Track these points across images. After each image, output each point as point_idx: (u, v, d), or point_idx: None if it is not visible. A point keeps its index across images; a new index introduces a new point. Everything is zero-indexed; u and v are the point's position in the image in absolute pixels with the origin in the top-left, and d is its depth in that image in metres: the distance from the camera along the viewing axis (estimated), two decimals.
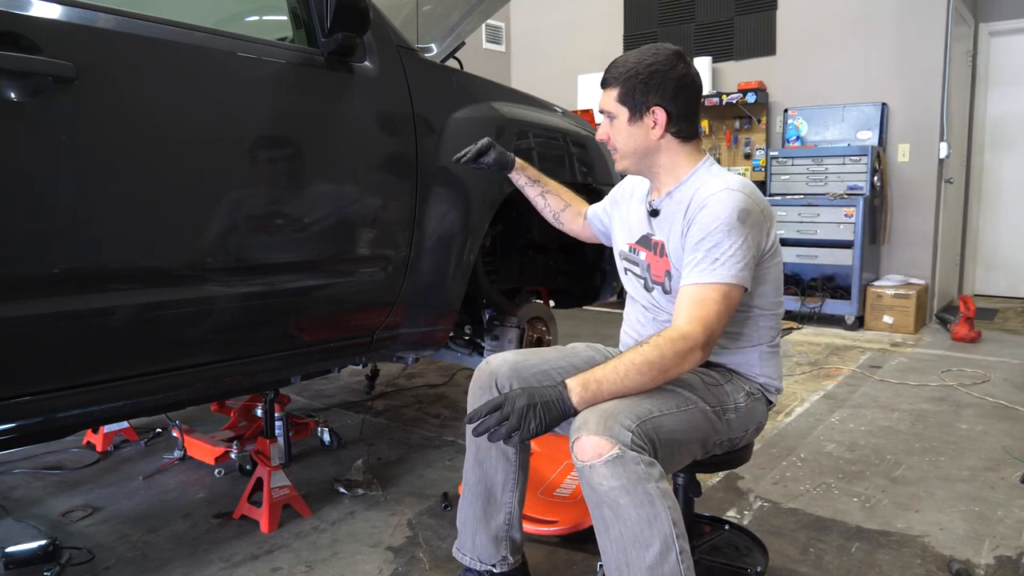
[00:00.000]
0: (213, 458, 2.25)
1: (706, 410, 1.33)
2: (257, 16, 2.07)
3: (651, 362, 1.22)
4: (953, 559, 1.77)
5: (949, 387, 3.33)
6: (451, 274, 2.04)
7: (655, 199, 1.47)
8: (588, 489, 1.17)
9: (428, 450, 2.56)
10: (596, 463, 1.14)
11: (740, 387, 1.43)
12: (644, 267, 1.48)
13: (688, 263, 1.32)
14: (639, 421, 1.19)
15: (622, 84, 1.38)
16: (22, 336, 1.27)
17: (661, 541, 1.14)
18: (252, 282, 1.61)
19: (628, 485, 1.13)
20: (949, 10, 4.49)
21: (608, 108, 1.41)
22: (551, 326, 2.68)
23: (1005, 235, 5.64)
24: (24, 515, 2.05)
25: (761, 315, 1.43)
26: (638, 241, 1.51)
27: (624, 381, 1.23)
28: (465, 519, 1.52)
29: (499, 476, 1.48)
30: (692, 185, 1.40)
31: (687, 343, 1.23)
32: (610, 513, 1.16)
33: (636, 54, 1.39)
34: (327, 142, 1.71)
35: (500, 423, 1.21)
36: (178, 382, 1.57)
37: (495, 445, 1.44)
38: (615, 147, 1.44)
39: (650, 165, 1.44)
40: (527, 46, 6.59)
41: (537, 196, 1.83)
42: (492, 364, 1.47)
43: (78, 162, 1.29)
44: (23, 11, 1.21)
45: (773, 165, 4.95)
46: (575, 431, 1.19)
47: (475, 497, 1.50)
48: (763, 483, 2.24)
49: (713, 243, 1.28)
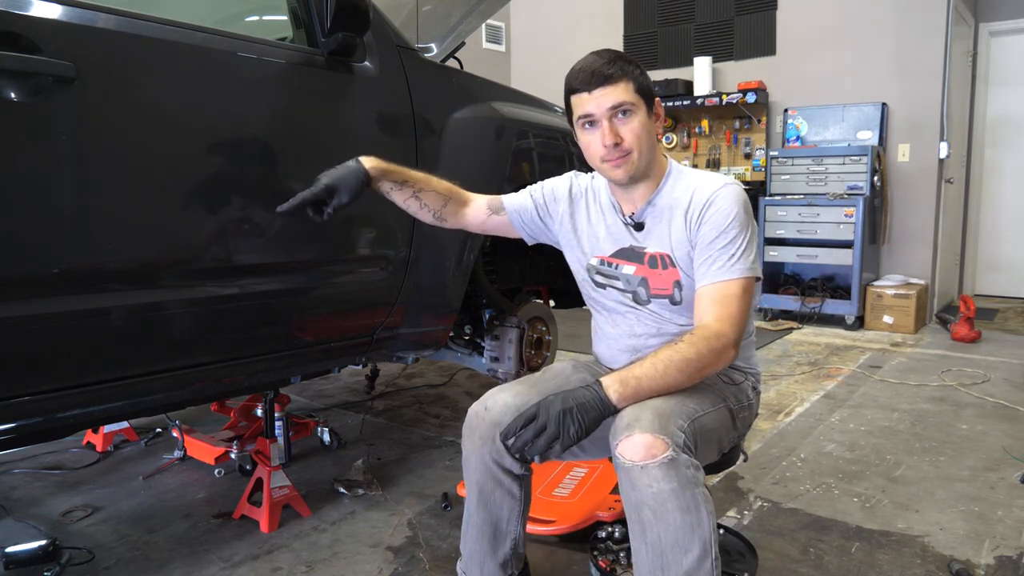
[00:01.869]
0: (213, 458, 2.25)
1: (732, 409, 1.35)
2: (257, 16, 2.07)
3: (689, 360, 1.21)
4: (953, 559, 1.77)
5: (949, 387, 3.33)
6: (451, 274, 2.04)
7: (634, 212, 1.40)
8: (631, 489, 1.13)
9: (428, 450, 2.56)
10: (650, 464, 1.10)
11: (748, 384, 1.45)
12: (632, 281, 1.41)
13: (703, 262, 1.29)
14: (689, 421, 1.18)
15: (632, 77, 1.27)
16: (22, 336, 1.27)
17: (701, 547, 1.12)
18: (252, 282, 1.61)
19: (678, 489, 1.10)
20: (949, 10, 4.49)
21: (626, 100, 1.27)
22: (551, 326, 2.68)
23: (1005, 235, 5.64)
24: (24, 515, 2.05)
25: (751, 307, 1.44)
26: (615, 254, 1.43)
27: (664, 378, 1.20)
28: (471, 552, 1.45)
29: (504, 511, 1.41)
30: (675, 188, 1.36)
31: (721, 341, 1.22)
32: (651, 516, 1.12)
33: (610, 52, 1.31)
34: (327, 142, 1.71)
35: (538, 435, 1.14)
36: (178, 382, 1.57)
37: (499, 486, 1.37)
38: (630, 147, 1.29)
39: (649, 167, 1.35)
40: (527, 46, 6.59)
41: (409, 199, 1.48)
42: (494, 413, 1.34)
43: (78, 162, 1.29)
44: (23, 11, 1.21)
45: (773, 165, 4.95)
46: (624, 429, 1.15)
47: (481, 534, 1.43)
48: (763, 483, 2.24)
49: (728, 239, 1.28)
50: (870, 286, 4.74)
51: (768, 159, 5.01)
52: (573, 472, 2.04)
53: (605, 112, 1.28)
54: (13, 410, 1.32)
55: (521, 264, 2.72)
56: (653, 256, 1.38)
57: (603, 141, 1.29)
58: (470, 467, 1.39)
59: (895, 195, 4.93)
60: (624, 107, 1.27)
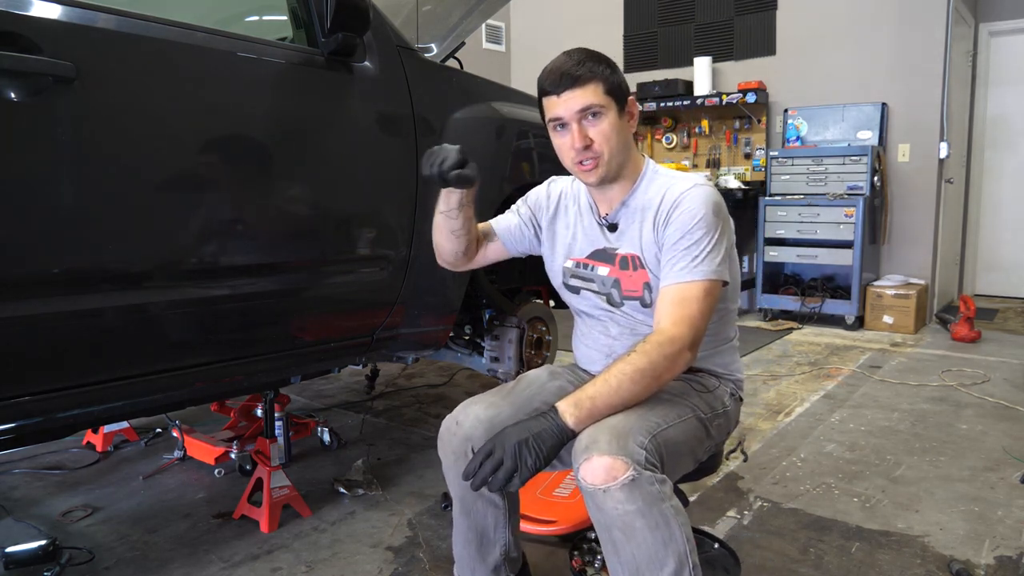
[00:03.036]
0: (213, 458, 2.25)
1: (702, 418, 1.31)
2: (257, 16, 2.07)
3: (642, 370, 1.18)
4: (953, 559, 1.77)
5: (949, 387, 3.33)
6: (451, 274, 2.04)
7: (608, 212, 1.39)
8: (596, 511, 1.12)
9: (428, 450, 2.56)
10: (611, 487, 1.08)
11: (724, 390, 1.41)
12: (607, 282, 1.39)
13: (667, 263, 1.28)
14: (650, 436, 1.15)
15: (602, 78, 1.26)
16: (22, 336, 1.27)
17: (676, 560, 1.11)
18: (252, 282, 1.61)
19: (644, 508, 1.09)
20: (949, 10, 4.49)
21: (594, 102, 1.25)
22: (551, 326, 2.68)
23: (1005, 235, 5.64)
24: (24, 515, 2.05)
25: (729, 312, 1.43)
26: (591, 256, 1.42)
27: (619, 393, 1.18)
28: (461, 556, 1.45)
29: (489, 520, 1.41)
30: (649, 189, 1.35)
31: (675, 346, 1.20)
32: (621, 536, 1.11)
33: (580, 52, 1.29)
34: (327, 142, 1.71)
35: (496, 469, 1.12)
36: (178, 382, 1.57)
37: (479, 497, 1.36)
38: (600, 151, 1.28)
39: (624, 167, 1.33)
40: (527, 46, 6.59)
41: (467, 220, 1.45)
42: (465, 428, 1.32)
43: (78, 162, 1.29)
44: (23, 11, 1.21)
45: (773, 165, 4.95)
46: (582, 452, 1.12)
47: (467, 542, 1.43)
48: (763, 483, 2.24)
49: (692, 240, 1.25)
50: (870, 286, 4.74)
51: (768, 159, 5.01)
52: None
53: (574, 115, 1.26)
54: (13, 410, 1.33)
55: (521, 264, 2.72)
56: (624, 257, 1.37)
57: (572, 144, 1.28)
58: (448, 479, 1.39)
59: (895, 195, 4.93)
60: (593, 109, 1.26)
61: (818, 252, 4.75)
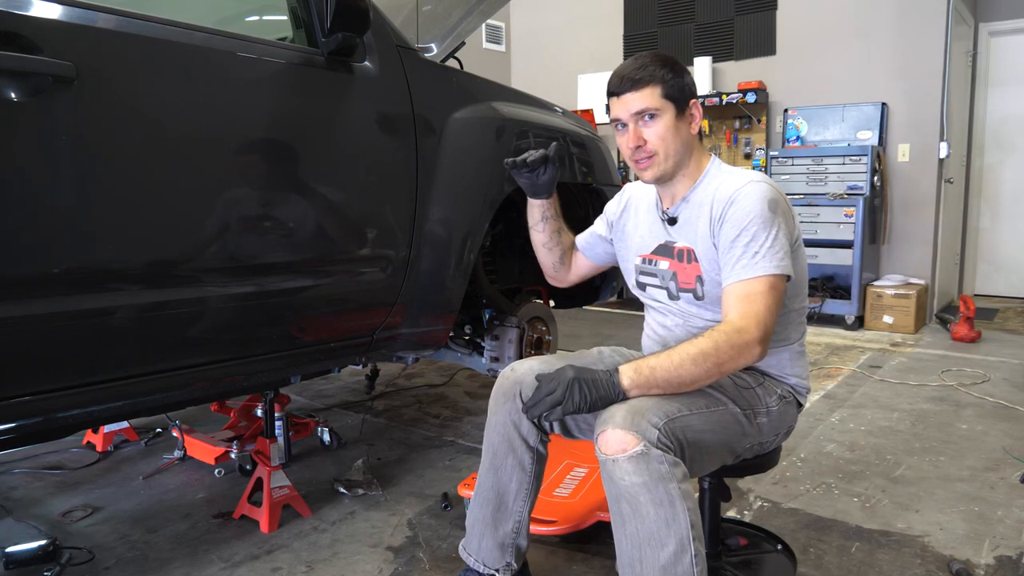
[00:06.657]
0: (213, 458, 2.25)
1: (736, 412, 1.32)
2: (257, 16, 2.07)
3: (706, 353, 1.21)
4: (953, 559, 1.77)
5: (949, 387, 3.33)
6: (451, 274, 2.04)
7: (670, 207, 1.45)
8: (608, 482, 1.17)
9: (428, 450, 2.56)
10: (620, 457, 1.14)
11: (772, 390, 1.42)
12: (667, 276, 1.46)
13: (727, 262, 1.30)
14: (667, 419, 1.18)
15: (662, 81, 1.33)
16: (22, 336, 1.27)
17: (677, 542, 1.14)
18: (252, 282, 1.61)
19: (650, 483, 1.13)
20: (949, 10, 4.49)
21: (650, 105, 1.33)
22: (551, 326, 2.68)
23: (1005, 235, 5.64)
24: (24, 515, 2.05)
25: (791, 313, 1.43)
26: (655, 251, 1.49)
27: (678, 371, 1.21)
28: (474, 521, 1.50)
29: (512, 484, 1.46)
30: (709, 185, 1.39)
31: (743, 337, 1.22)
32: (628, 508, 1.15)
33: (647, 56, 1.36)
34: (327, 142, 1.71)
35: (548, 395, 1.21)
36: (178, 382, 1.57)
37: (511, 453, 1.44)
38: (655, 150, 1.35)
39: (682, 166, 1.40)
40: (527, 46, 6.59)
41: (553, 233, 1.63)
42: (518, 372, 1.45)
43: (78, 162, 1.29)
44: (23, 11, 1.21)
45: (773, 165, 4.96)
46: (601, 424, 1.19)
47: (486, 502, 1.48)
48: (763, 483, 2.24)
49: (750, 237, 1.28)
50: (870, 286, 4.74)
51: (768, 159, 5.01)
52: (574, 472, 2.04)
53: (631, 116, 1.35)
54: (13, 410, 1.32)
55: (521, 264, 2.72)
56: (681, 250, 1.43)
57: (628, 143, 1.37)
58: (489, 428, 1.48)
59: (895, 195, 4.93)
60: (649, 111, 1.34)
61: (818, 252, 4.75)
